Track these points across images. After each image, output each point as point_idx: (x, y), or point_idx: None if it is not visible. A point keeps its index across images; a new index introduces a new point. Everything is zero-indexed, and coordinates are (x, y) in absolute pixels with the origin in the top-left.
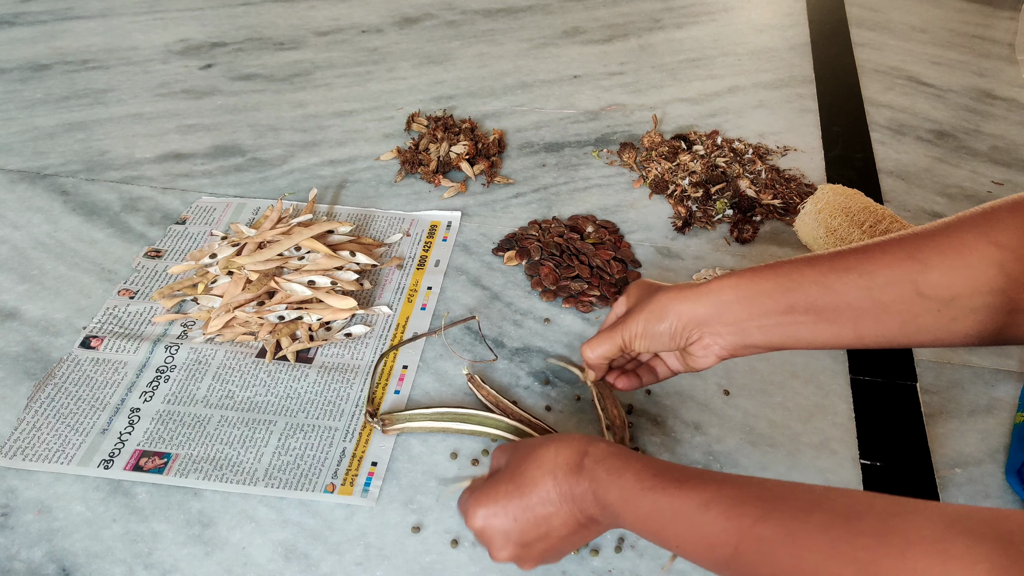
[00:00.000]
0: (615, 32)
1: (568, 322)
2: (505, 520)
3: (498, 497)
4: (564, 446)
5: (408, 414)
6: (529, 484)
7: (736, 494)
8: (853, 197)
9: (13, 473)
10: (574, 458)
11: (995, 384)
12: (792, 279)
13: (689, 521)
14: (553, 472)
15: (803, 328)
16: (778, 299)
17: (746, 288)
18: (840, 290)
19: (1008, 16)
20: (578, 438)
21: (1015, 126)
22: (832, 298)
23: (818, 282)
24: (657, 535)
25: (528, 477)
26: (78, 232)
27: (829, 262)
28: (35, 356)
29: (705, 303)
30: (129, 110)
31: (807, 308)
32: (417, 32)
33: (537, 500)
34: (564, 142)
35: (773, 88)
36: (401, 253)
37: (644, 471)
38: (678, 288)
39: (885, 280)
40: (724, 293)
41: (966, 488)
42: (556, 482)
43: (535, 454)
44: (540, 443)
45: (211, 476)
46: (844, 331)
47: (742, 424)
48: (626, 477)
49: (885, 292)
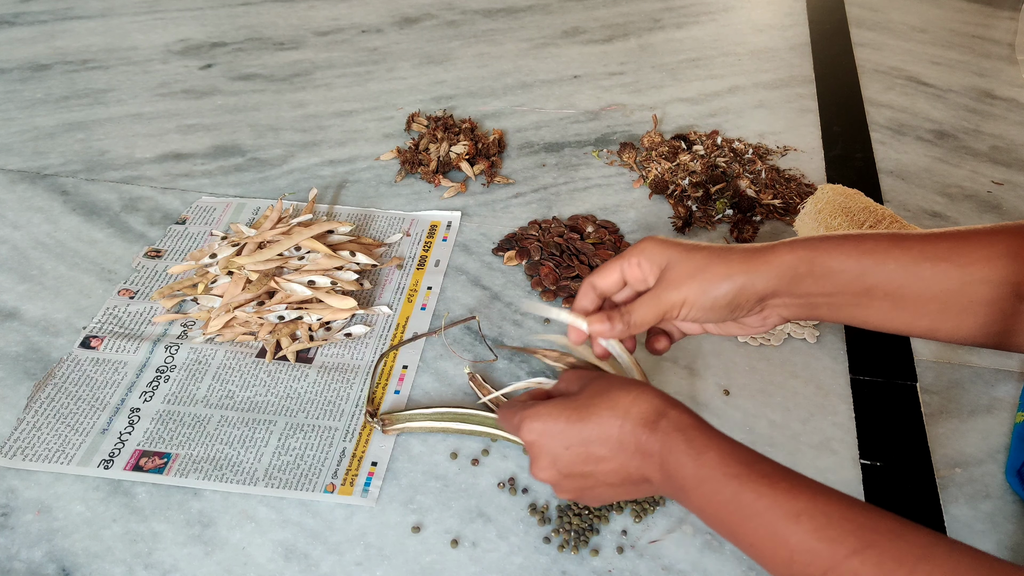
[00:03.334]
0: (615, 32)
1: (568, 323)
2: (557, 443)
3: (559, 418)
4: (643, 397)
5: (408, 414)
6: (594, 419)
7: (832, 512)
8: (853, 197)
9: (13, 473)
10: (651, 414)
11: (995, 384)
12: (876, 259)
13: (772, 527)
14: (624, 418)
15: (877, 312)
16: (856, 279)
17: (822, 263)
18: (929, 279)
19: (1008, 16)
20: (658, 394)
21: (1015, 126)
22: (918, 287)
23: (906, 268)
24: (725, 526)
25: (595, 411)
26: (78, 232)
27: (920, 247)
28: (35, 356)
29: (774, 276)
30: (129, 110)
31: (887, 294)
32: (417, 32)
33: (596, 438)
34: (564, 142)
35: (773, 88)
36: (401, 253)
37: (730, 456)
38: (731, 252)
39: (982, 277)
40: (797, 267)
41: (966, 488)
42: (622, 430)
43: (611, 393)
44: (619, 384)
45: (211, 476)
46: (919, 321)
47: (742, 424)
48: (707, 456)
49: (980, 290)
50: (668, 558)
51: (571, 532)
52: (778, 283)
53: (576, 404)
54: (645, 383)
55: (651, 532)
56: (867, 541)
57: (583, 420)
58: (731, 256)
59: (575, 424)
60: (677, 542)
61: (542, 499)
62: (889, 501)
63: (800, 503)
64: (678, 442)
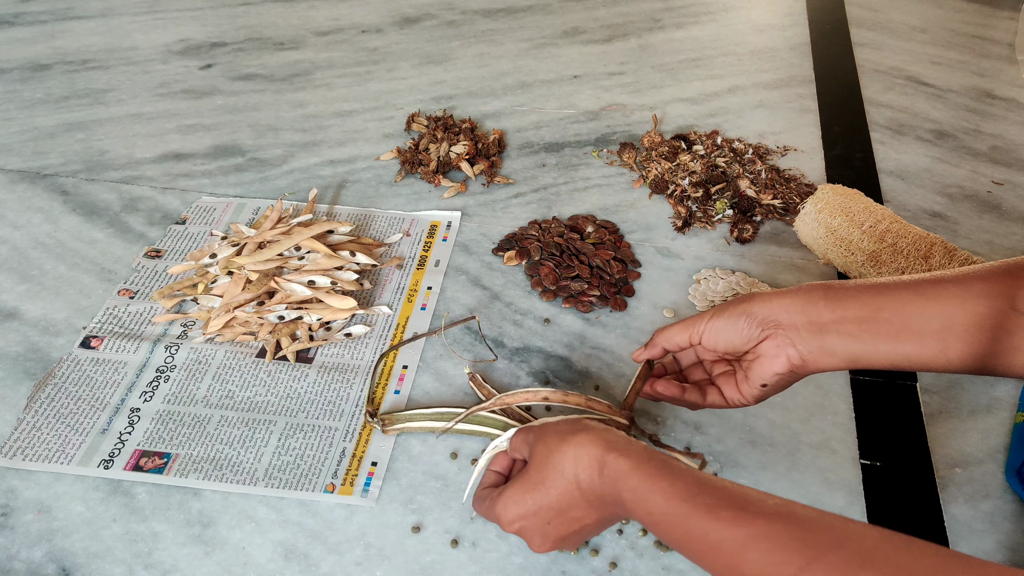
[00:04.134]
0: (615, 32)
1: (568, 322)
2: (539, 523)
3: (526, 501)
4: (582, 452)
5: (408, 414)
6: (553, 490)
7: (775, 533)
8: (853, 197)
9: (13, 473)
10: (593, 467)
11: (995, 384)
12: (881, 291)
13: (725, 558)
14: (574, 481)
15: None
16: (866, 302)
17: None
18: (933, 297)
19: (1008, 16)
20: (595, 439)
21: (1015, 126)
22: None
23: (911, 289)
24: (693, 559)
25: (550, 483)
26: (78, 232)
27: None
28: (35, 356)
29: (787, 300)
30: (129, 110)
31: (893, 316)
32: (417, 32)
33: (564, 505)
34: (564, 142)
35: (773, 88)
36: (401, 253)
37: (673, 495)
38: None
39: (981, 292)
40: (812, 292)
41: (966, 488)
42: (580, 491)
43: (554, 460)
44: (557, 441)
45: (211, 476)
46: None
47: (742, 424)
48: (653, 500)
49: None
50: (668, 558)
51: None
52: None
53: (532, 481)
54: (580, 425)
55: (650, 534)
56: (811, 556)
57: (545, 493)
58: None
59: (541, 500)
60: None
61: None
62: (889, 501)
63: (743, 531)
64: (623, 490)
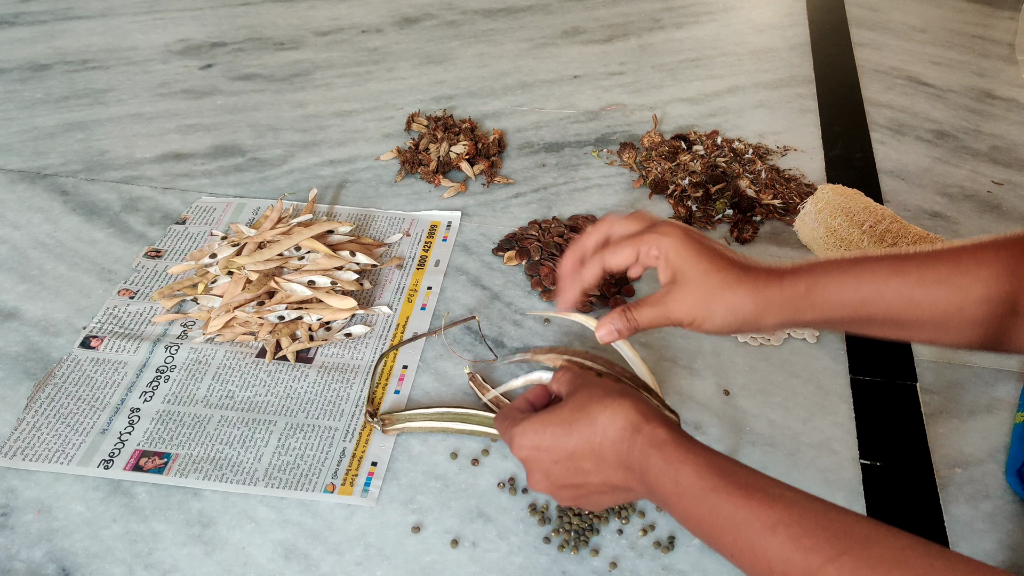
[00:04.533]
0: (615, 32)
1: (568, 322)
2: (547, 458)
3: (544, 433)
4: (620, 412)
5: (408, 414)
6: (576, 434)
7: (807, 521)
8: (853, 197)
9: (13, 473)
10: (626, 430)
11: (995, 384)
12: (875, 287)
13: (751, 539)
14: (603, 435)
15: (877, 331)
16: (856, 308)
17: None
18: (928, 305)
19: (1008, 16)
20: (635, 406)
21: (1015, 126)
22: (917, 312)
23: (905, 296)
24: (708, 537)
25: (577, 427)
26: (78, 232)
27: (918, 272)
28: (35, 356)
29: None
30: (129, 110)
31: (886, 319)
32: (417, 32)
33: (580, 452)
34: (564, 142)
35: (773, 88)
36: (401, 253)
37: (707, 469)
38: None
39: (980, 297)
40: (799, 300)
41: (966, 488)
42: (602, 446)
43: (591, 408)
44: (600, 396)
45: (211, 476)
46: (919, 336)
47: (742, 424)
48: (684, 471)
49: (978, 310)
50: (668, 558)
51: (571, 532)
52: (781, 317)
53: (560, 418)
54: (627, 391)
55: (650, 534)
56: (842, 548)
57: (567, 435)
58: (740, 287)
59: (560, 439)
60: (677, 542)
61: (542, 499)
62: (889, 501)
63: (776, 513)
64: (654, 458)
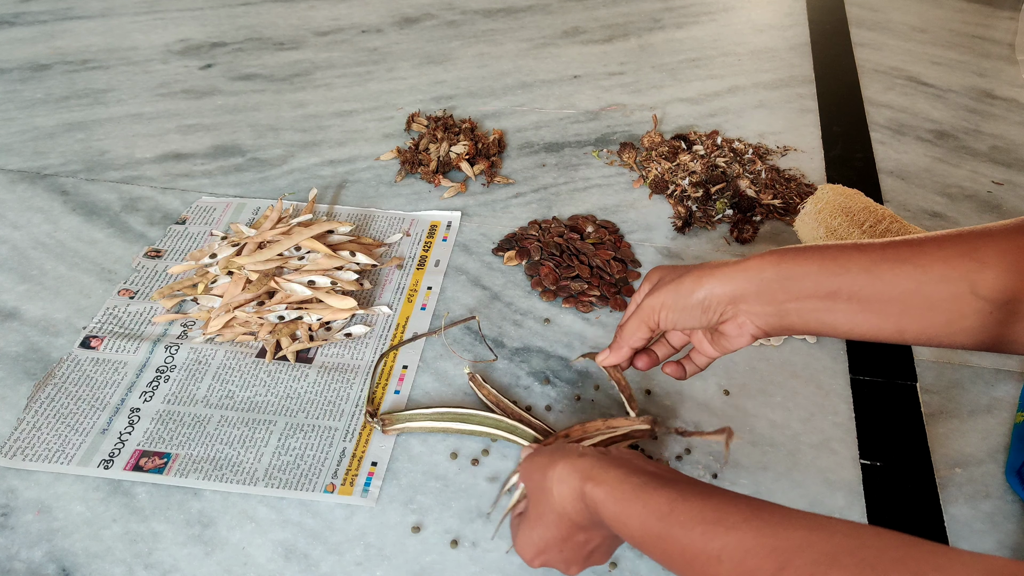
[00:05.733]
0: (615, 32)
1: (568, 322)
2: (555, 554)
3: (535, 540)
4: (564, 487)
5: (408, 414)
6: (553, 525)
7: (747, 543)
8: (853, 197)
9: (13, 473)
10: (576, 500)
11: (995, 384)
12: (839, 263)
13: (704, 571)
14: (565, 514)
15: (843, 316)
16: (821, 282)
17: (788, 268)
18: (890, 281)
19: (1008, 16)
20: (573, 469)
21: (1015, 126)
22: (880, 288)
23: (867, 270)
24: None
25: (548, 518)
26: (78, 232)
27: (881, 251)
28: (35, 356)
29: (742, 279)
30: (129, 110)
31: (851, 296)
32: (417, 32)
33: (567, 535)
34: (564, 142)
35: (773, 88)
36: (401, 253)
37: (647, 516)
38: (711, 264)
39: (940, 276)
40: (764, 271)
41: (966, 488)
42: (573, 521)
43: (544, 495)
44: (540, 480)
45: (211, 476)
46: (886, 324)
47: (742, 424)
48: (630, 524)
49: (938, 288)
50: None
51: None
52: (744, 286)
53: (532, 516)
54: (561, 455)
55: None
56: (781, 562)
57: (546, 528)
58: (707, 267)
59: (545, 534)
60: None
61: None
62: (889, 501)
63: (717, 543)
64: (604, 516)
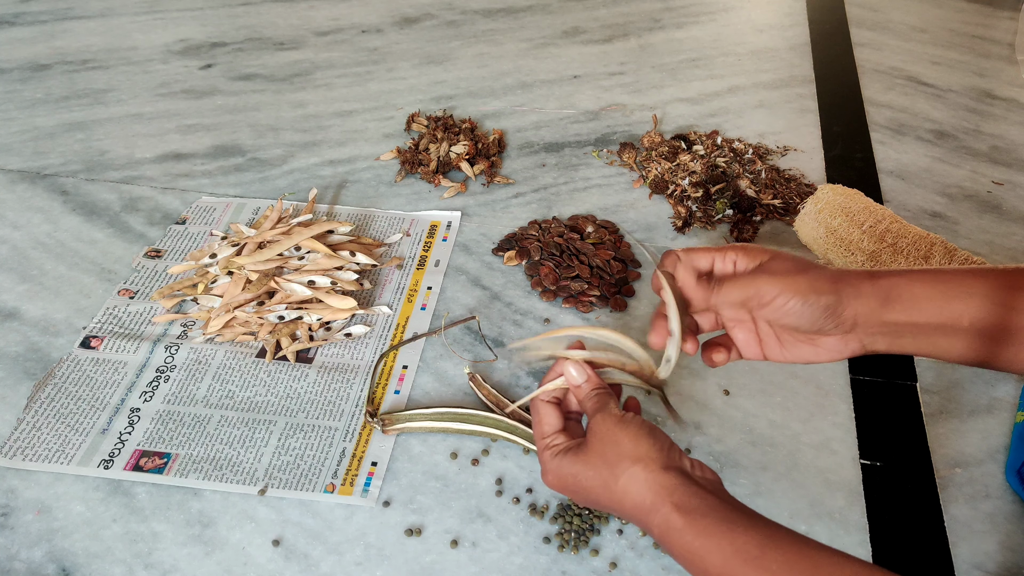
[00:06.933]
0: (615, 32)
1: (568, 322)
2: (578, 498)
3: (571, 484)
4: (632, 486)
5: (408, 414)
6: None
7: None
8: (853, 197)
9: (13, 473)
10: (641, 509)
11: (995, 384)
12: (961, 289)
13: None
14: (623, 494)
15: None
16: (932, 311)
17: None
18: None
19: (1008, 16)
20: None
21: (1015, 126)
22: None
23: (988, 296)
24: None
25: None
26: (78, 232)
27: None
28: (35, 356)
29: (868, 296)
30: (129, 110)
31: (972, 322)
32: (417, 32)
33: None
34: (564, 142)
35: (773, 88)
36: (401, 253)
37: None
38: (848, 272)
39: None
40: (888, 292)
41: (966, 488)
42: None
43: (614, 466)
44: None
45: (211, 476)
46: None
47: (742, 424)
48: (710, 559)
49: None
50: (668, 558)
51: (571, 532)
52: (873, 304)
53: (584, 464)
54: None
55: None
56: None
57: (590, 486)
58: (830, 271)
59: (585, 485)
60: None
61: (542, 499)
62: (889, 501)
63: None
64: (674, 543)
